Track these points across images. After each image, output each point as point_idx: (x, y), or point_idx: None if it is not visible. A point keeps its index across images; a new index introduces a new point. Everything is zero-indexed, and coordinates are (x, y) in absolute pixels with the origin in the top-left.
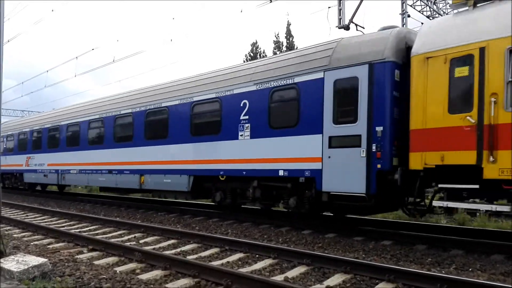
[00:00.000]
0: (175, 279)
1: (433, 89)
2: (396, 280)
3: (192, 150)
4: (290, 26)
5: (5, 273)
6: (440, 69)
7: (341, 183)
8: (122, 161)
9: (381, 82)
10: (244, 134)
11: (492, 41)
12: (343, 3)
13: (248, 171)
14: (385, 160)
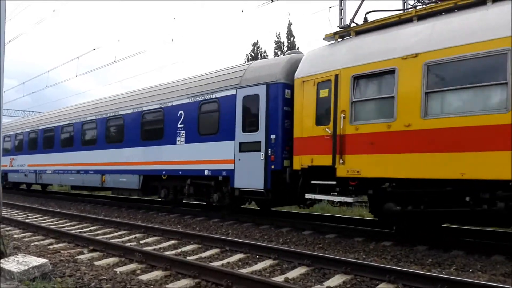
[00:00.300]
0: (175, 280)
1: (307, 106)
2: (396, 281)
3: (142, 153)
4: (291, 26)
5: (5, 273)
6: (311, 90)
7: (247, 181)
8: (87, 162)
9: (275, 99)
10: (181, 139)
11: (343, 70)
12: (344, 3)
13: (183, 171)
14: (278, 162)
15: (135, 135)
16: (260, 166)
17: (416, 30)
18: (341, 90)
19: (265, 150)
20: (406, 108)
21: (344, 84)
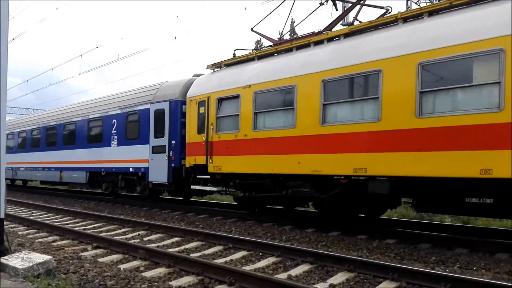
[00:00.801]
0: (178, 277)
1: (192, 119)
2: (400, 278)
3: (88, 153)
4: (294, 24)
5: (10, 270)
6: (194, 107)
7: (157, 176)
8: (50, 161)
9: (175, 112)
10: (114, 143)
11: (212, 93)
12: (347, 1)
13: (116, 168)
14: (177, 161)
15: (83, 138)
16: (165, 164)
17: (253, 68)
18: (210, 108)
19: (168, 152)
20: (245, 123)
21: (212, 104)
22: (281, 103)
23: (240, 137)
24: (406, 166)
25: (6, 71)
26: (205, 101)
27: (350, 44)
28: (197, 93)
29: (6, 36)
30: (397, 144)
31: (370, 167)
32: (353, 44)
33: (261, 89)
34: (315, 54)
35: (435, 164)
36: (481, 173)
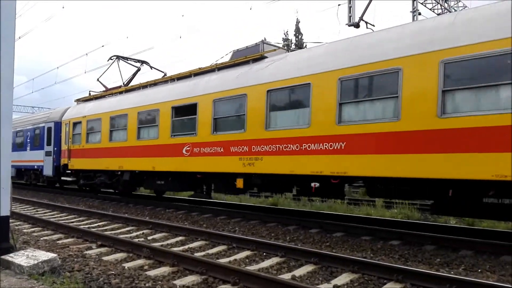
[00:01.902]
0: (183, 276)
1: (63, 134)
2: (404, 280)
3: (19, 155)
4: (299, 24)
5: (15, 267)
6: (64, 127)
7: (47, 171)
8: (17, 159)
9: (57, 129)
10: (28, 148)
11: (70, 119)
12: (353, 1)
13: (29, 166)
14: (57, 162)
15: (21, 143)
16: (51, 163)
17: (89, 105)
18: (70, 129)
19: (53, 155)
20: (82, 139)
21: (70, 126)
22: (96, 128)
23: (81, 147)
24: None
25: (12, 70)
26: (68, 124)
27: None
28: (65, 118)
29: (12, 34)
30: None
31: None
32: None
33: (91, 118)
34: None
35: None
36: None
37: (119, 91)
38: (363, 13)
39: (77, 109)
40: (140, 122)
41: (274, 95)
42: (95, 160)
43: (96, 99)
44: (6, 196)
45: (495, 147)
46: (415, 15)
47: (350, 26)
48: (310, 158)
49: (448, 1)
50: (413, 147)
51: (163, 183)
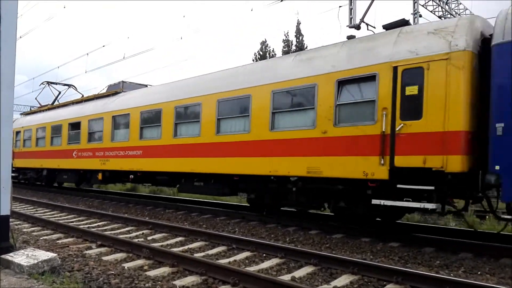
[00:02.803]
0: (182, 276)
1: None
2: (404, 282)
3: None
4: (300, 25)
5: (15, 267)
6: (13, 134)
7: None
8: None
9: (17, 135)
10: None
11: (21, 128)
12: (354, 3)
13: None
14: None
15: None
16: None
17: (30, 118)
18: (14, 135)
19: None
20: (20, 144)
21: (14, 133)
22: (28, 136)
23: (20, 150)
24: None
25: (13, 70)
26: (20, 132)
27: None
28: (18, 125)
29: (14, 34)
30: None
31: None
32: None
33: (26, 129)
34: (47, 114)
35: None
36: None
37: (45, 109)
38: (364, 15)
39: (19, 121)
40: (53, 132)
41: (117, 119)
42: (28, 160)
43: (32, 113)
44: (6, 195)
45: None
46: (416, 17)
47: (351, 28)
48: (129, 160)
49: (448, 3)
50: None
51: (65, 177)
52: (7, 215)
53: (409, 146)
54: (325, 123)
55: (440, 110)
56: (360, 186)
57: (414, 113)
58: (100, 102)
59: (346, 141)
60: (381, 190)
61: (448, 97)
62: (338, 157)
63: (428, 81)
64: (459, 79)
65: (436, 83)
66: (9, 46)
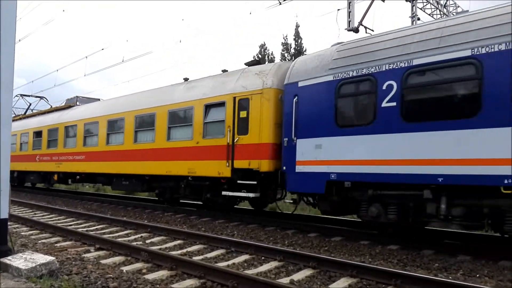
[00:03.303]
0: (181, 280)
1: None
2: (402, 285)
3: None
4: (298, 28)
5: (13, 270)
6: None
7: None
8: None
9: None
10: None
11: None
12: (352, 6)
13: None
14: None
15: None
16: None
17: (19, 123)
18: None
19: None
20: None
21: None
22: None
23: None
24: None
25: (12, 73)
26: None
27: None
28: None
29: (13, 37)
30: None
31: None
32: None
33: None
34: (19, 123)
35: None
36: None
37: (17, 119)
38: (362, 18)
39: None
40: (22, 140)
41: (68, 129)
42: None
43: (21, 119)
44: (4, 198)
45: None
46: (414, 20)
47: (349, 31)
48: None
49: (446, 6)
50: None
51: (32, 178)
52: (5, 218)
53: (241, 153)
54: (198, 136)
55: (257, 128)
56: (218, 182)
57: (244, 130)
58: (57, 114)
59: (209, 149)
60: (228, 184)
61: (261, 120)
62: (205, 161)
63: (251, 108)
64: (268, 107)
65: (255, 110)
66: (8, 49)
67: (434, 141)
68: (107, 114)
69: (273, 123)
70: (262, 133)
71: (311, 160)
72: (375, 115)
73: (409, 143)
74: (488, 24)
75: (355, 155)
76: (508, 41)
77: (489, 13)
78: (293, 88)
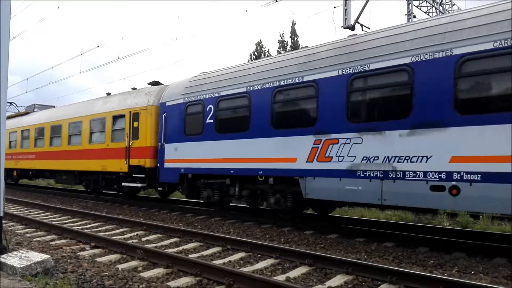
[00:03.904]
0: (177, 277)
1: None
2: (398, 282)
3: None
4: (295, 26)
5: (8, 268)
6: None
7: None
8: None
9: None
10: None
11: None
12: (348, 3)
13: None
14: None
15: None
16: None
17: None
18: None
19: None
20: None
21: None
22: None
23: None
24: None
25: (7, 69)
26: None
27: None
28: None
29: (7, 34)
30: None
31: None
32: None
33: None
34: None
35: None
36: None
37: None
38: (359, 15)
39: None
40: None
41: (24, 132)
42: None
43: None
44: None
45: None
46: (410, 18)
47: (345, 28)
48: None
49: (442, 4)
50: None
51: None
52: (0, 216)
53: (134, 154)
54: (108, 140)
55: (144, 135)
56: (121, 176)
57: (136, 136)
58: (17, 119)
59: (115, 151)
60: (127, 177)
61: (146, 129)
62: (112, 160)
63: (140, 120)
64: (150, 120)
65: (143, 121)
66: (3, 47)
67: (230, 146)
68: (51, 121)
69: (154, 131)
70: (147, 139)
71: (172, 159)
72: (203, 128)
73: (219, 147)
74: (257, 71)
75: (193, 156)
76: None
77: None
78: (164, 106)
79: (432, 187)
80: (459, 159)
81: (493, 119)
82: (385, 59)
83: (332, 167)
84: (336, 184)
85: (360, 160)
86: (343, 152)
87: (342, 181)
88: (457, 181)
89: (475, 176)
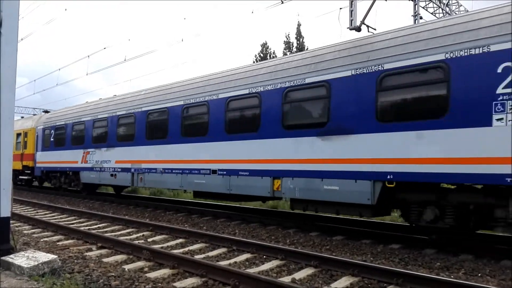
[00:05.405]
0: (182, 278)
1: None
2: (404, 284)
3: None
4: (300, 27)
5: (15, 268)
6: None
7: None
8: None
9: None
10: None
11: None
12: (354, 4)
13: None
14: None
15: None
16: None
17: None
18: None
19: None
20: None
21: None
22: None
23: None
24: None
25: (15, 72)
26: None
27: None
28: None
29: (15, 35)
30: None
31: None
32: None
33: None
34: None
35: None
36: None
37: None
38: (365, 16)
39: None
40: None
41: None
42: None
43: None
44: (6, 197)
45: (21, 159)
46: (417, 19)
47: (351, 30)
48: None
49: (449, 5)
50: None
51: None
52: (7, 216)
53: (25, 158)
54: (23, 148)
55: (30, 146)
56: (21, 172)
57: (26, 147)
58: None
59: (21, 155)
60: (23, 173)
61: (30, 143)
62: (15, 162)
63: (28, 136)
64: (32, 137)
65: (29, 137)
66: (11, 48)
67: (64, 153)
68: (22, 129)
69: (34, 144)
70: (30, 149)
71: (41, 161)
72: (50, 144)
73: (54, 155)
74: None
75: (47, 159)
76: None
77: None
78: (38, 129)
79: None
80: None
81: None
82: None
83: None
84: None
85: None
86: None
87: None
88: None
89: None
